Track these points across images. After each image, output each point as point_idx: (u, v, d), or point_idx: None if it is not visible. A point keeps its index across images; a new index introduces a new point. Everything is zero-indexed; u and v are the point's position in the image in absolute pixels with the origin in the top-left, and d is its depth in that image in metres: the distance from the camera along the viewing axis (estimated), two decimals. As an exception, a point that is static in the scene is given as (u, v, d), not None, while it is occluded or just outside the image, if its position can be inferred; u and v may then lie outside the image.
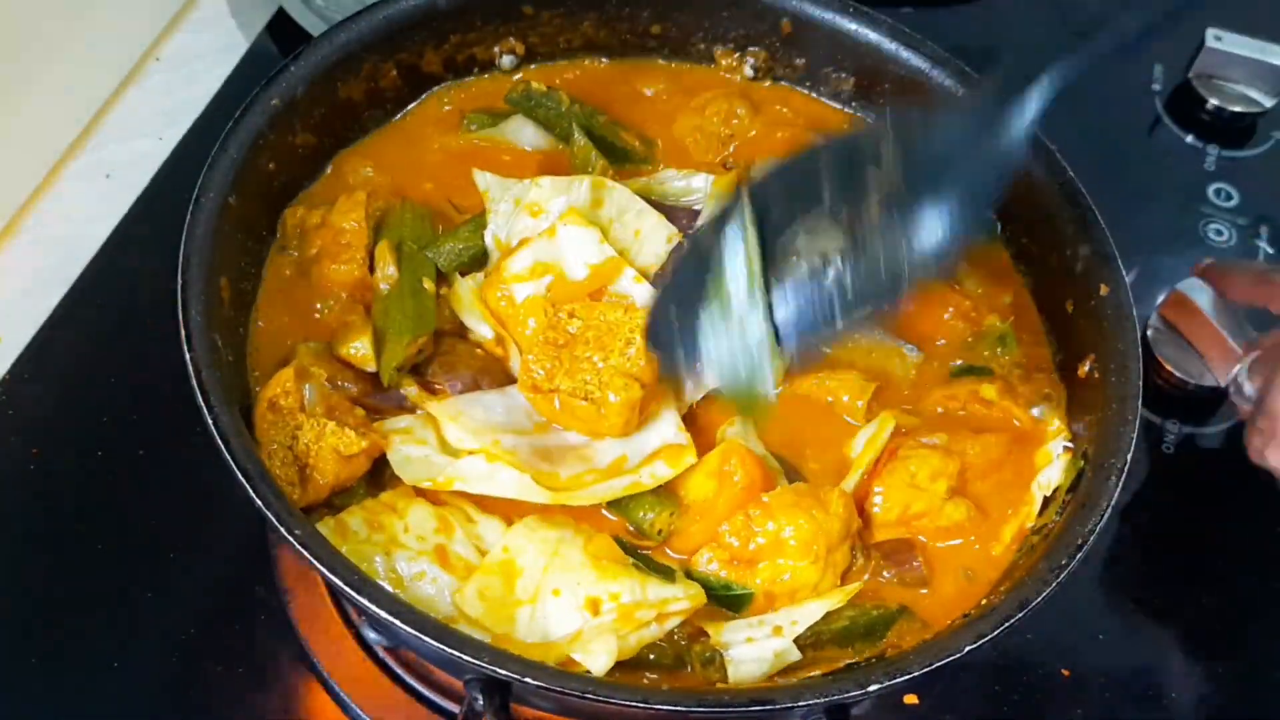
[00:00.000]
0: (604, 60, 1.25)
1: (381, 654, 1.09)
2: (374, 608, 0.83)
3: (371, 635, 1.07)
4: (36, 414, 1.18)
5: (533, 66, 1.23)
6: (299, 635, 1.09)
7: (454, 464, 0.97)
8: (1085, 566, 1.16)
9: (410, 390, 1.01)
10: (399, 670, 1.08)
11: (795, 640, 0.94)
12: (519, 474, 0.96)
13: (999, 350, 1.11)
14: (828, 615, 0.95)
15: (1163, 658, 1.18)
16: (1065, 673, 1.15)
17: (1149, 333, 1.30)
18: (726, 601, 0.97)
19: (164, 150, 1.35)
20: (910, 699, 1.10)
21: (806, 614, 0.95)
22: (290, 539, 0.85)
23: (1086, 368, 1.05)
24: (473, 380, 1.02)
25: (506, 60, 1.21)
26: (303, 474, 0.95)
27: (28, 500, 1.14)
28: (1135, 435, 0.98)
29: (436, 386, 1.02)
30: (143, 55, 1.42)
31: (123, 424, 1.17)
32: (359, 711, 1.07)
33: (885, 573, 0.99)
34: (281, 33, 1.44)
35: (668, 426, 1.02)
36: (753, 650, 0.94)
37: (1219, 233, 1.44)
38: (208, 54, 1.44)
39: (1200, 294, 1.27)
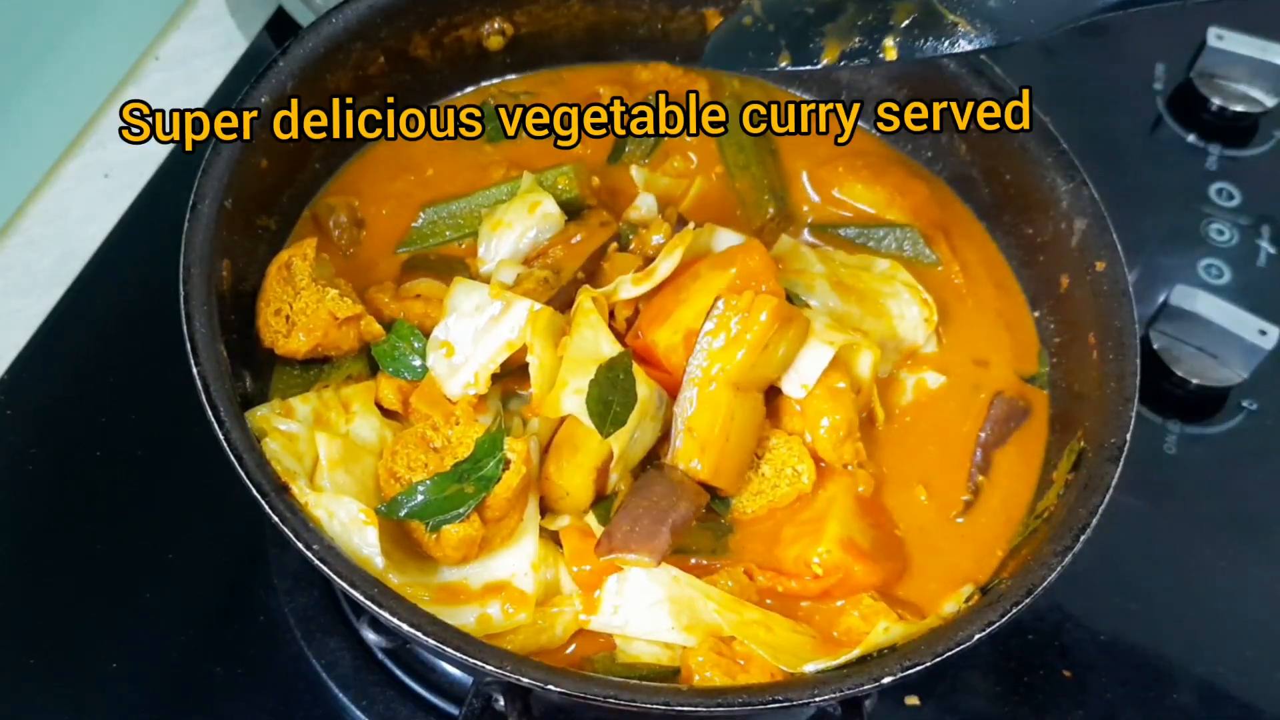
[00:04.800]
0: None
1: (379, 655, 1.09)
2: (396, 620, 0.83)
3: (370, 636, 1.07)
4: (36, 414, 1.18)
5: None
6: (298, 635, 1.09)
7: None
8: (1086, 567, 1.16)
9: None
10: (397, 670, 1.09)
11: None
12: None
13: None
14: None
15: (1163, 658, 1.18)
16: (1066, 673, 1.15)
17: (1150, 333, 1.30)
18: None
19: (163, 150, 1.34)
20: (912, 700, 1.09)
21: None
22: (309, 554, 0.85)
23: (1095, 354, 1.04)
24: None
25: (495, 41, 1.20)
26: (291, 328, 0.99)
27: (28, 500, 1.14)
28: (1135, 413, 0.97)
29: None
30: (142, 54, 1.42)
31: (122, 424, 1.18)
32: (357, 712, 1.07)
33: None
34: (281, 31, 1.43)
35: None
36: None
37: (1220, 232, 1.43)
38: (207, 53, 1.43)
39: (1198, 299, 1.27)
